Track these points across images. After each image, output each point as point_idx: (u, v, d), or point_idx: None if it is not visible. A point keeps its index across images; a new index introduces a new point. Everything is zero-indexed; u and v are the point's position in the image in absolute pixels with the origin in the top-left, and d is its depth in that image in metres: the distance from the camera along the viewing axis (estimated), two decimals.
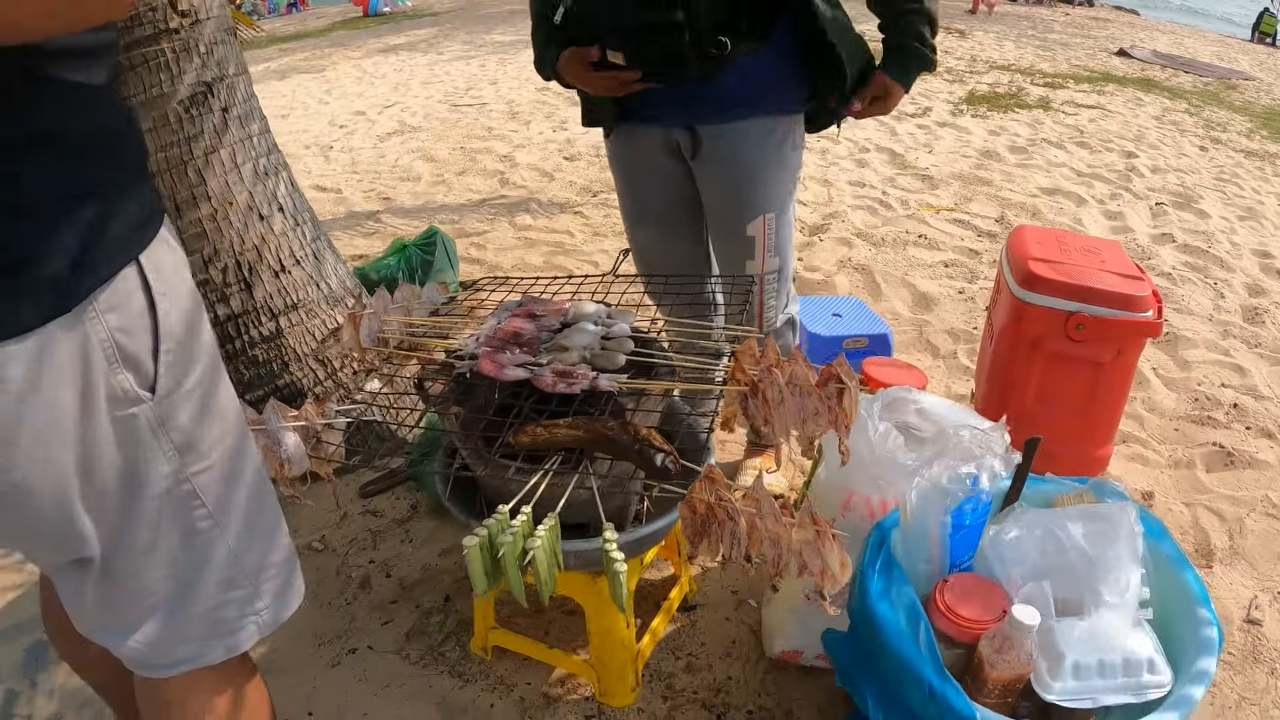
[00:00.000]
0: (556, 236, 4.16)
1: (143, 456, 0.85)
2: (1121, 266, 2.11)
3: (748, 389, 1.34)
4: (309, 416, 1.39)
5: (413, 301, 1.75)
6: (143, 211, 0.83)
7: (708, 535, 1.21)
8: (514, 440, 1.32)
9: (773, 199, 1.93)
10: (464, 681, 1.80)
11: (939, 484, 1.29)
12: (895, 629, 1.22)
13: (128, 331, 0.79)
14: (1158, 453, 2.61)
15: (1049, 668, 1.21)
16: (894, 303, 3.51)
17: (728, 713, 1.75)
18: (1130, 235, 4.08)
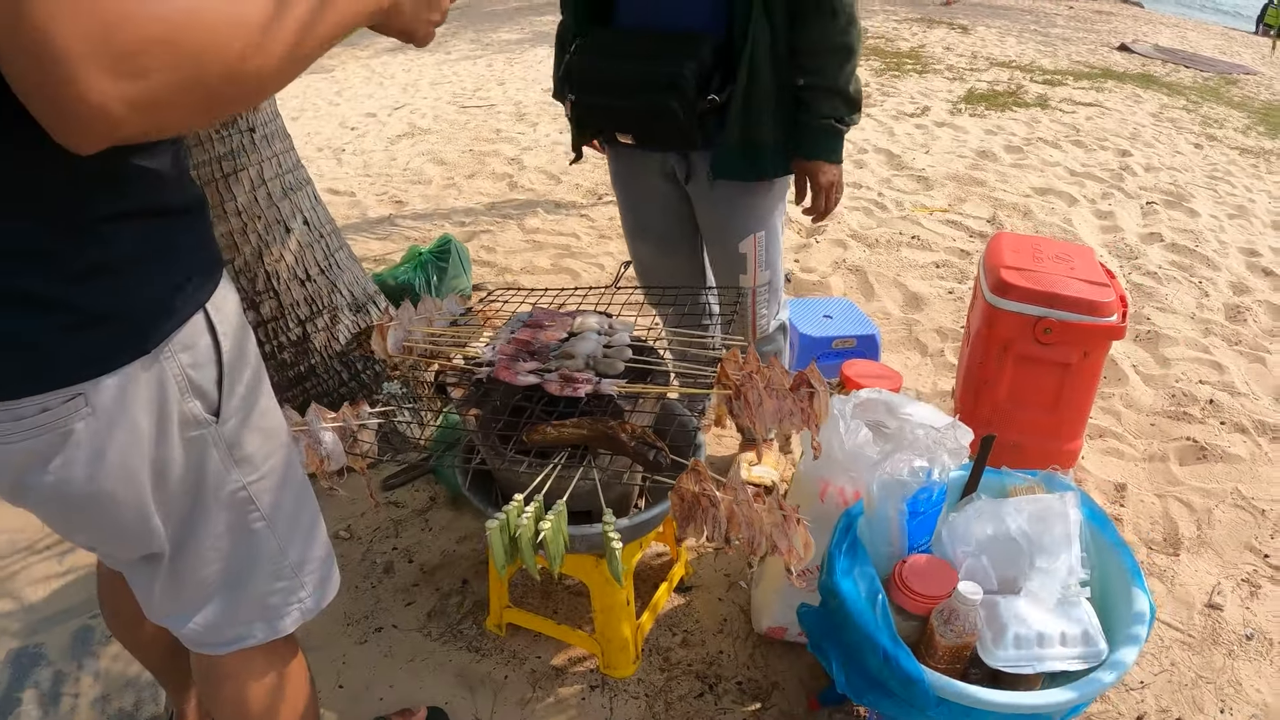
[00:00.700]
0: (563, 239, 4.33)
1: (208, 469, 1.02)
2: (1090, 273, 2.27)
3: (732, 392, 1.52)
4: (346, 418, 1.57)
5: (434, 313, 1.92)
6: (208, 266, 0.99)
7: (694, 519, 1.39)
8: (526, 438, 1.51)
9: (762, 219, 2.10)
10: (480, 656, 1.99)
11: (897, 476, 1.46)
12: (856, 603, 1.39)
13: (197, 367, 0.95)
14: (1133, 447, 2.77)
15: (993, 637, 1.39)
16: (885, 302, 3.67)
17: (719, 683, 1.93)
18: (1119, 234, 4.23)
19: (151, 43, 0.64)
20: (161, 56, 0.64)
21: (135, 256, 0.87)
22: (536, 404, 1.61)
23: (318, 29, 0.77)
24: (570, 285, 3.83)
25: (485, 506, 1.69)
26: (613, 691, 1.91)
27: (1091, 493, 2.54)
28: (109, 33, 0.62)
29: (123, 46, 0.62)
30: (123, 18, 0.62)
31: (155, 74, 0.64)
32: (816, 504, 1.76)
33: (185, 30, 0.65)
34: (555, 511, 1.30)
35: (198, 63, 0.67)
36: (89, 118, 0.64)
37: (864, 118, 6.12)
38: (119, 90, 0.63)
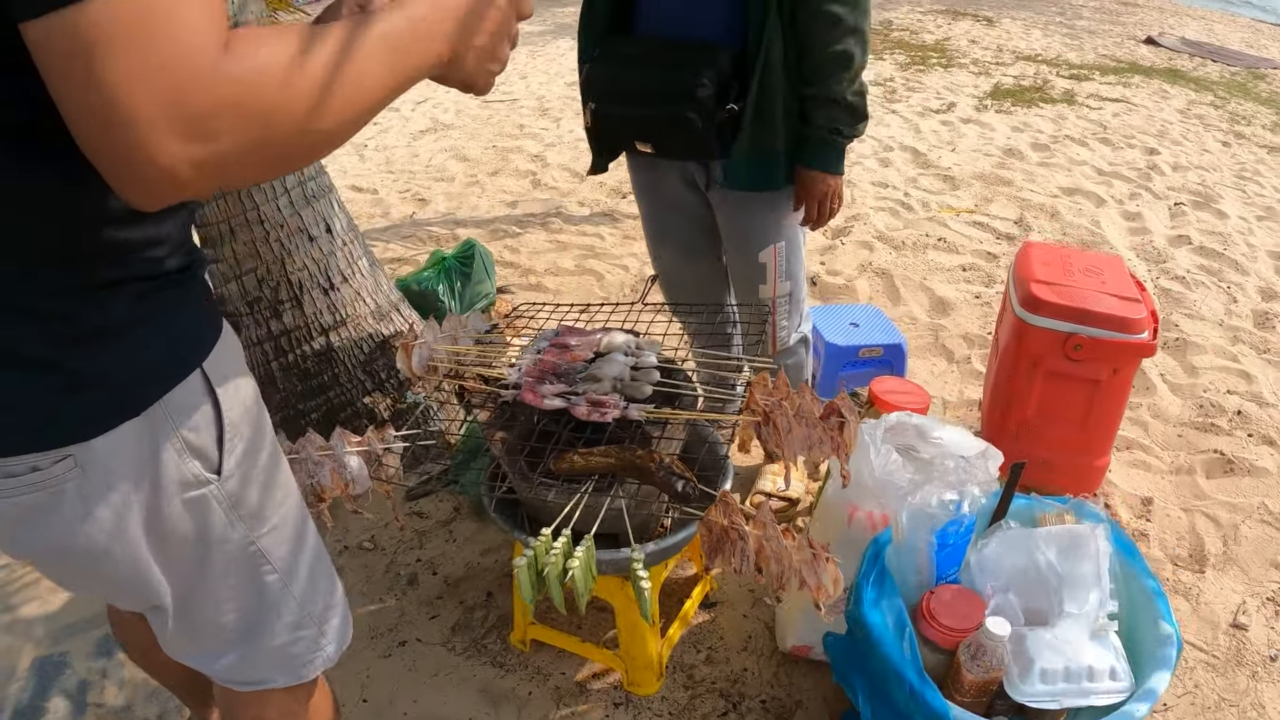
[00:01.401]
0: (587, 240, 4.32)
1: (212, 527, 1.01)
2: (1121, 287, 2.25)
3: (760, 419, 1.52)
4: (371, 442, 1.57)
5: (459, 331, 1.92)
6: (204, 326, 0.97)
7: (722, 551, 1.39)
8: (554, 467, 1.51)
9: (781, 229, 2.08)
10: (504, 671, 1.99)
11: (927, 508, 1.45)
12: (884, 635, 1.39)
13: (194, 429, 0.94)
14: (1160, 459, 2.74)
15: (1020, 672, 1.38)
16: (912, 307, 3.64)
17: (743, 702, 1.93)
18: (1147, 237, 4.17)
19: (222, 105, 0.63)
20: (231, 119, 0.64)
21: (130, 321, 0.87)
22: (564, 428, 1.61)
23: (380, 85, 0.76)
24: (595, 287, 3.84)
25: (511, 530, 1.69)
26: (636, 709, 1.91)
27: (1118, 508, 2.52)
28: (181, 96, 0.61)
29: (194, 110, 0.62)
30: (194, 81, 0.62)
31: (225, 136, 0.64)
32: (844, 528, 1.76)
33: (255, 91, 0.65)
34: (583, 547, 1.30)
35: (266, 123, 0.67)
36: (157, 179, 0.64)
37: (890, 114, 6.08)
38: (188, 153, 0.63)
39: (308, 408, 2.49)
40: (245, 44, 0.65)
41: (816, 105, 1.88)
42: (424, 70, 0.83)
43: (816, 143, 1.93)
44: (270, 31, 0.69)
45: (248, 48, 0.65)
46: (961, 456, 1.50)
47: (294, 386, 2.48)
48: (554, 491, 1.53)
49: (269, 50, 0.67)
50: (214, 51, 0.63)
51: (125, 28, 0.60)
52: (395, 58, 0.77)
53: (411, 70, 0.80)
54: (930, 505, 1.45)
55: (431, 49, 0.81)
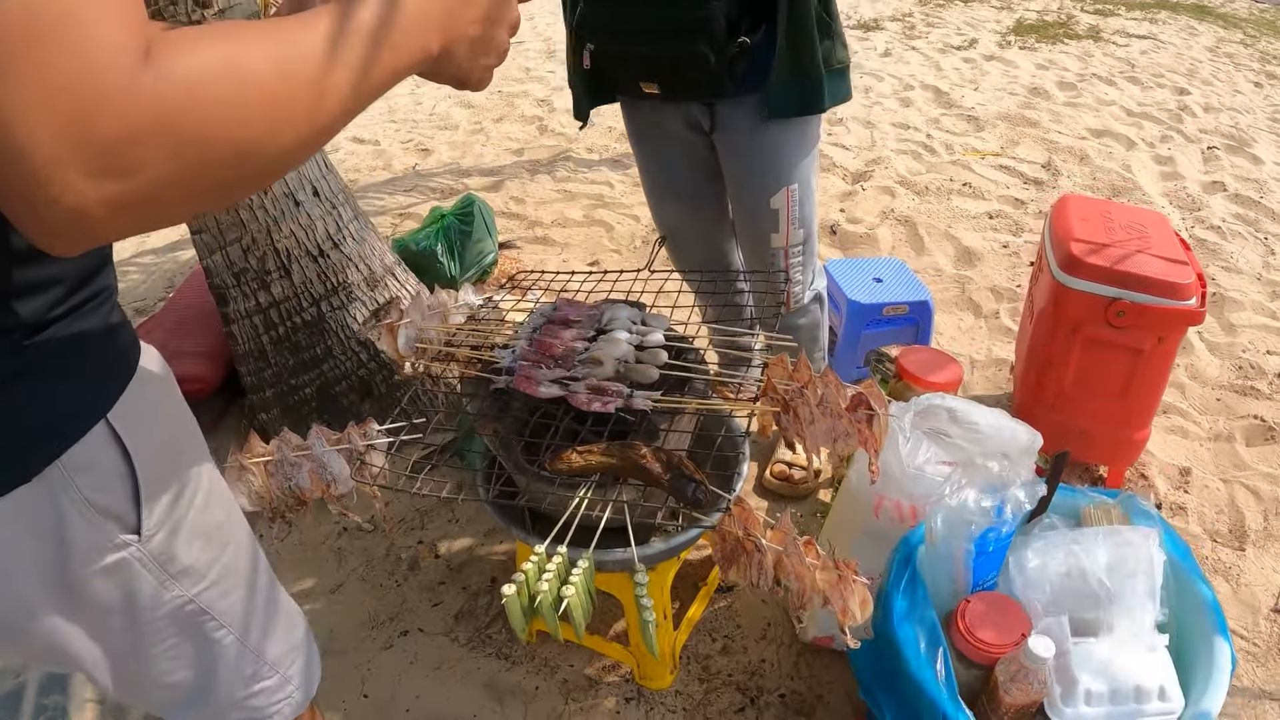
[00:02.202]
0: (596, 189, 4.15)
1: (140, 591, 0.89)
2: (1167, 247, 2.07)
3: (780, 407, 1.38)
4: (352, 438, 1.45)
5: (450, 306, 1.78)
6: (109, 369, 0.83)
7: (736, 563, 1.26)
8: (549, 466, 1.37)
9: (796, 171, 1.92)
10: (510, 664, 1.90)
11: (964, 512, 1.31)
12: (915, 654, 1.27)
13: (100, 489, 0.81)
14: (1198, 424, 2.59)
15: (1063, 693, 1.26)
16: (937, 257, 3.47)
17: (761, 695, 1.83)
18: (1180, 183, 3.96)
19: (141, 131, 0.49)
20: (155, 146, 0.50)
21: (11, 375, 0.73)
22: (562, 420, 1.48)
23: (351, 90, 0.62)
24: (604, 239, 3.68)
25: (509, 526, 1.57)
26: (649, 704, 1.81)
27: (1155, 479, 2.38)
28: (87, 122, 0.48)
29: (105, 139, 0.48)
30: (104, 102, 0.48)
31: (148, 168, 0.50)
32: (870, 519, 1.63)
33: (185, 109, 0.51)
34: (580, 568, 1.17)
35: (203, 148, 0.53)
36: (64, 224, 0.50)
37: (910, 50, 5.81)
38: (100, 192, 0.49)
39: (301, 383, 2.37)
40: (174, 48, 0.51)
41: None
42: (408, 68, 0.68)
43: None
44: (210, 30, 0.54)
45: (177, 53, 0.51)
46: (1004, 455, 1.36)
47: (285, 361, 2.36)
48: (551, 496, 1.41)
49: (206, 54, 0.52)
50: (130, 62, 0.49)
51: (14, 41, 0.46)
52: (372, 55, 0.62)
53: (391, 71, 0.65)
54: (969, 510, 1.31)
55: (417, 43, 0.67)
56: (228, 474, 1.33)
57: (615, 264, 3.53)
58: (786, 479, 2.28)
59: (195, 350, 2.60)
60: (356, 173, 4.45)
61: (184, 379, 2.52)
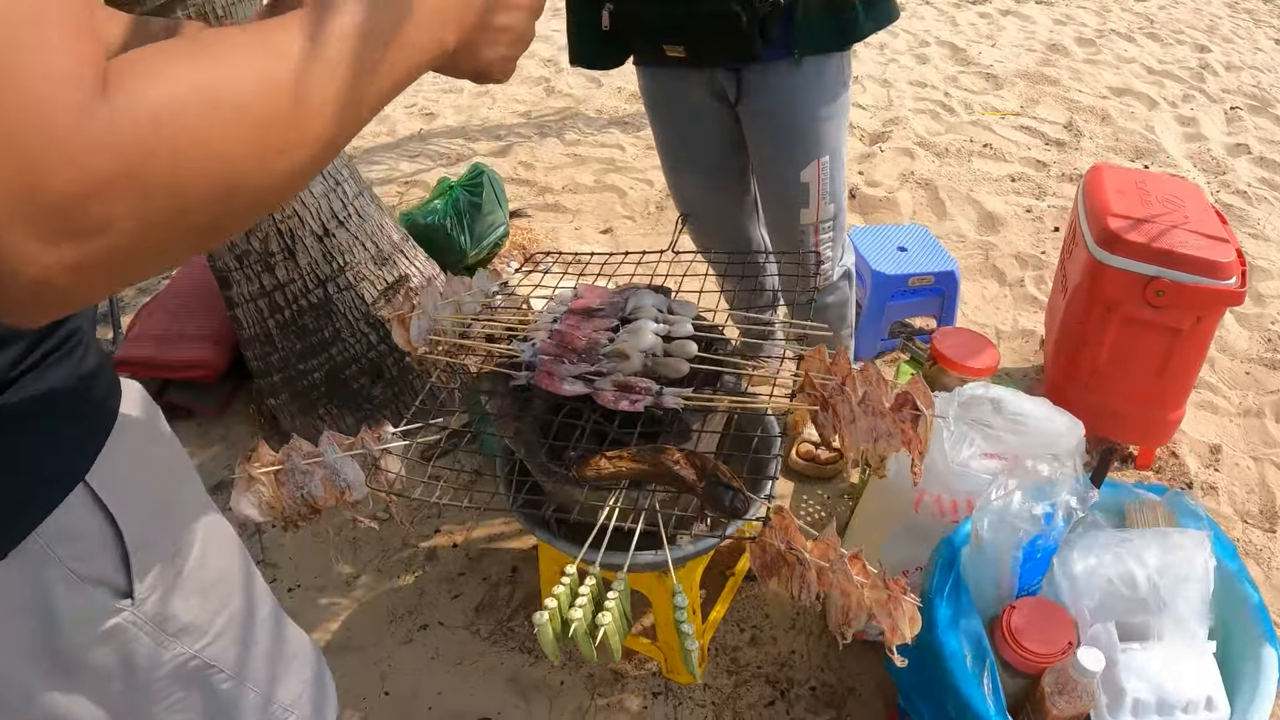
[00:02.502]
0: (607, 152, 4.04)
1: (138, 654, 0.83)
2: (1205, 223, 1.99)
3: (818, 405, 1.32)
4: (366, 443, 1.38)
5: (463, 294, 1.71)
6: (84, 424, 0.75)
7: (776, 575, 1.21)
8: (577, 473, 1.31)
9: (827, 141, 1.83)
10: (534, 658, 1.86)
11: (1013, 518, 1.26)
12: (961, 667, 1.22)
13: (85, 558, 0.75)
14: (1227, 399, 2.52)
15: (1110, 704, 1.21)
16: (959, 222, 3.38)
17: (791, 689, 1.79)
18: (1204, 144, 3.84)
19: (103, 182, 0.41)
20: (121, 198, 0.42)
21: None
22: (587, 422, 1.41)
23: (358, 99, 0.53)
24: (617, 205, 3.58)
25: (534, 529, 1.52)
26: (677, 699, 1.78)
27: (1185, 457, 2.32)
28: (34, 176, 0.39)
29: (59, 196, 0.40)
30: (54, 150, 0.39)
31: (117, 224, 0.42)
32: (909, 513, 1.58)
33: (156, 152, 0.42)
34: (616, 592, 1.12)
35: (178, 192, 0.44)
36: (30, 296, 0.43)
37: (924, 5, 5.63)
38: (62, 258, 0.41)
39: (309, 367, 2.31)
40: (133, 74, 0.43)
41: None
42: (420, 68, 0.58)
43: None
44: (176, 47, 0.45)
45: (137, 80, 0.42)
46: (1054, 456, 1.30)
47: (293, 345, 2.29)
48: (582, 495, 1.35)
49: (172, 77, 0.44)
50: (81, 98, 0.40)
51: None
52: (377, 58, 0.53)
53: (403, 73, 0.56)
54: (1018, 516, 1.25)
55: (430, 38, 0.57)
56: (236, 485, 1.27)
57: (629, 231, 3.44)
58: (813, 459, 2.23)
59: (199, 334, 2.53)
60: (359, 139, 4.33)
61: (188, 364, 2.48)
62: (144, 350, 2.51)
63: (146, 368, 2.50)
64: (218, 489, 2.33)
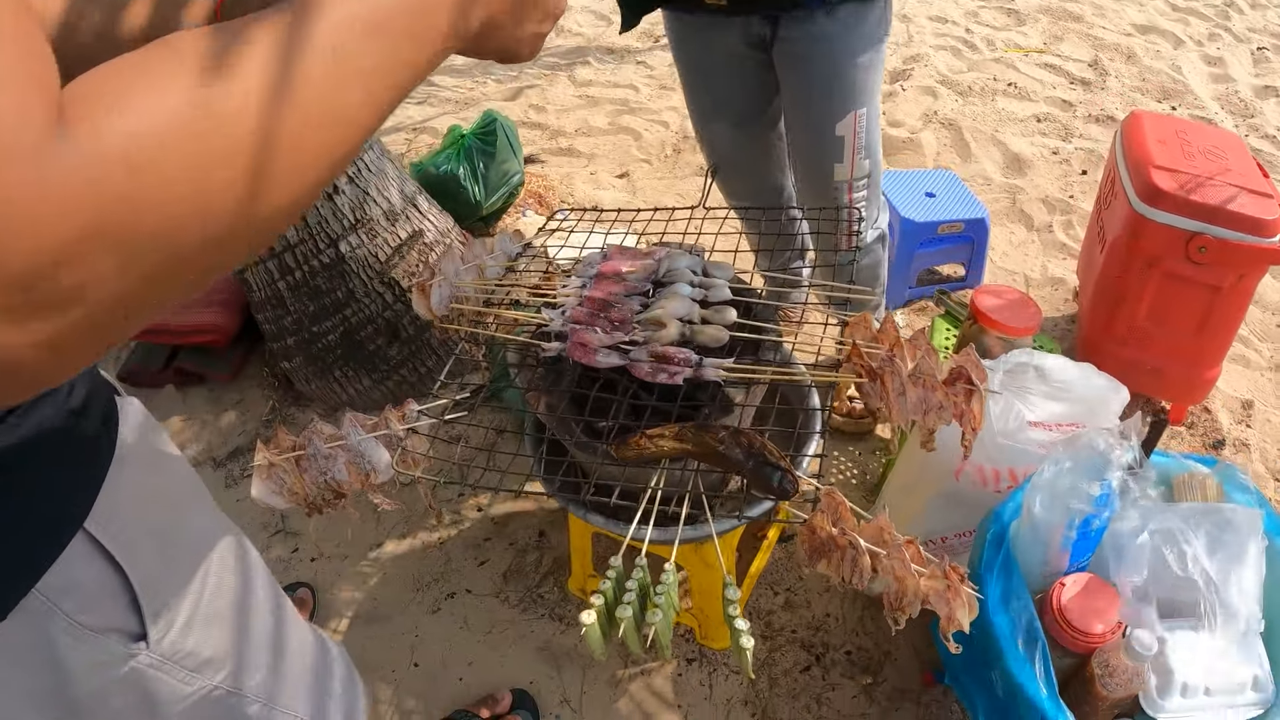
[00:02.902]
0: (620, 92, 3.93)
1: (158, 692, 0.79)
2: (1249, 177, 1.92)
3: (865, 376, 1.27)
4: (390, 423, 1.33)
5: (485, 257, 1.65)
6: (78, 466, 0.69)
7: (827, 558, 1.17)
8: (616, 453, 1.27)
9: (865, 93, 1.75)
10: (564, 625, 1.84)
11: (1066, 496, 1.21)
12: (1012, 647, 1.19)
13: (90, 608, 0.70)
14: (1259, 352, 2.47)
15: (1159, 685, 1.18)
16: (984, 164, 3.29)
17: (826, 654, 1.77)
18: (1231, 86, 3.72)
19: (70, 245, 0.33)
20: (96, 259, 0.34)
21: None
22: (624, 394, 1.36)
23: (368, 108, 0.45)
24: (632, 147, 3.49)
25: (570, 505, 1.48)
26: (711, 666, 1.76)
27: (1218, 412, 2.28)
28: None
29: (20, 265, 0.32)
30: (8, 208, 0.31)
31: (91, 288, 0.35)
32: (949, 481, 1.54)
33: (132, 197, 0.35)
34: (664, 587, 1.08)
35: (165, 241, 0.37)
36: (2, 379, 0.36)
37: None
38: (32, 336, 0.34)
39: (323, 329, 2.25)
40: (100, 99, 0.35)
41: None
42: (440, 55, 0.51)
43: None
44: (143, 61, 0.38)
45: (102, 109, 0.35)
46: (1110, 431, 1.25)
47: (305, 308, 2.23)
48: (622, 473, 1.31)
49: (145, 101, 0.36)
50: (35, 145, 0.32)
51: None
52: (390, 51, 0.46)
53: (422, 63, 0.49)
54: (1072, 493, 1.21)
55: (449, 20, 0.50)
56: (255, 472, 1.23)
57: (646, 175, 3.36)
58: (847, 414, 2.19)
59: (209, 298, 2.47)
60: None
61: (199, 329, 2.43)
62: None
63: (156, 334, 2.45)
64: (233, 456, 2.29)
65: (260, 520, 2.11)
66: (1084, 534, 1.24)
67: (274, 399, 2.43)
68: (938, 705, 1.68)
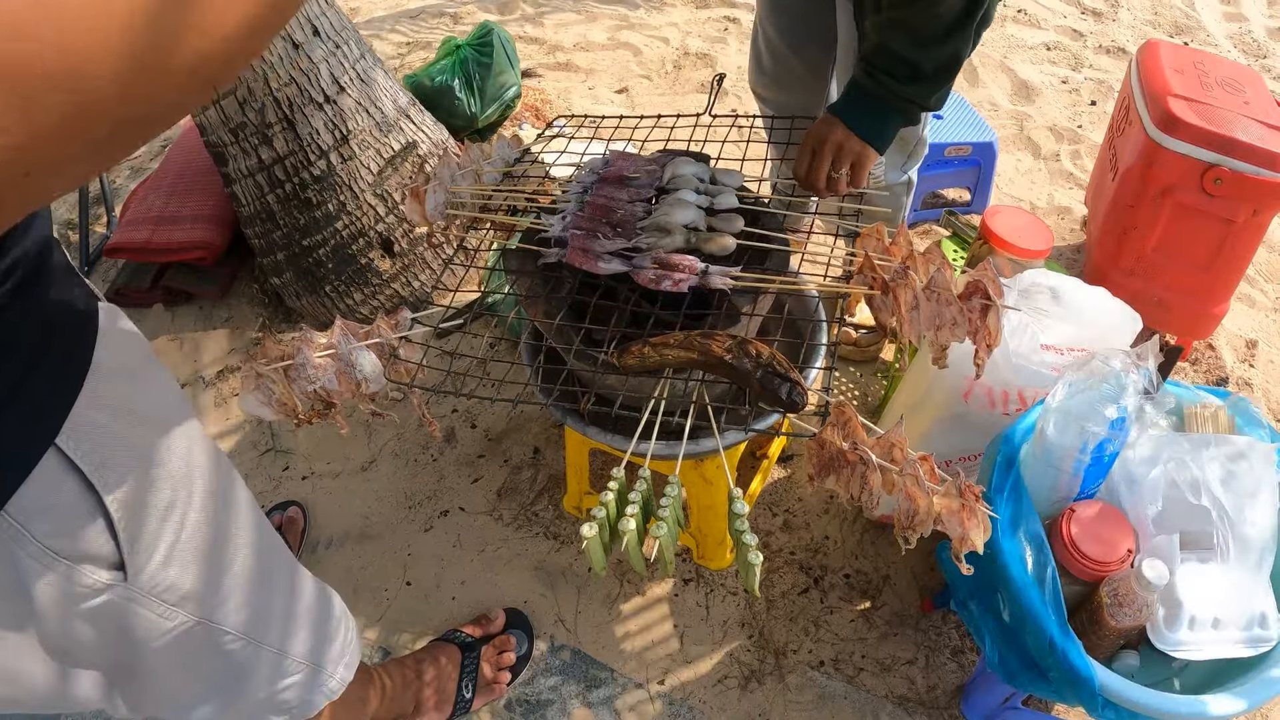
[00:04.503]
0: (618, 8, 3.79)
1: (136, 626, 0.75)
2: (1266, 111, 1.86)
3: (878, 289, 1.23)
4: (383, 331, 1.28)
5: (481, 163, 1.58)
6: (48, 376, 0.63)
7: (836, 473, 1.13)
8: (618, 362, 1.22)
9: None
10: (559, 544, 1.82)
11: (1082, 418, 1.18)
12: (1022, 573, 1.16)
13: (62, 532, 0.65)
14: (1264, 293, 2.44)
15: (1167, 617, 1.16)
16: (992, 90, 3.20)
17: (825, 576, 1.76)
18: (1244, 25, 3.61)
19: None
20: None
21: None
22: (627, 302, 1.31)
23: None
24: (632, 63, 3.38)
25: (567, 418, 1.43)
26: (709, 586, 1.75)
27: (1222, 350, 2.25)
28: None
29: None
30: None
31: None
32: (958, 401, 1.50)
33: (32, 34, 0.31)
34: (669, 500, 1.04)
35: (63, 84, 0.32)
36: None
37: None
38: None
39: (314, 243, 2.18)
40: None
41: (877, 49, 1.36)
42: None
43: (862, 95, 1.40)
44: None
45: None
46: (1124, 353, 1.21)
47: (295, 221, 2.16)
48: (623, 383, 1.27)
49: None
50: None
51: None
52: None
53: None
54: (1087, 416, 1.17)
55: None
56: (243, 383, 1.18)
57: (646, 91, 3.26)
58: (854, 344, 2.14)
59: (196, 214, 2.38)
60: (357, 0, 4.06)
61: (186, 246, 2.35)
62: (139, 234, 2.36)
63: (142, 252, 2.37)
64: (222, 375, 2.24)
65: (250, 439, 2.07)
66: (1097, 459, 1.21)
67: (264, 316, 2.37)
68: (935, 631, 1.67)
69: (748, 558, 1.00)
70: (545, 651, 1.66)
